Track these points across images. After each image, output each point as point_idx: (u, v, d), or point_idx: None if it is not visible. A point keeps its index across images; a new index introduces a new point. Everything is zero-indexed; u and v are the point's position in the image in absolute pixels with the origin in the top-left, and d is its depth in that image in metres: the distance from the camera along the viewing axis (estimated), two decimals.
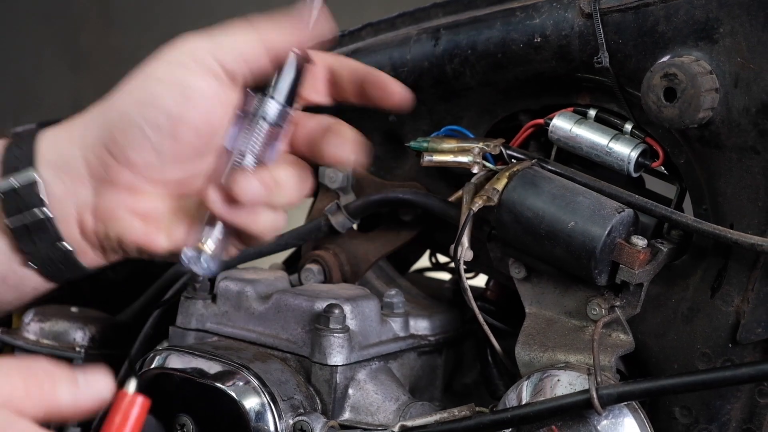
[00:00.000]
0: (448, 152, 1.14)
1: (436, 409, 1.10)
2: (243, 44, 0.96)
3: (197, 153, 0.95)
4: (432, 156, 1.14)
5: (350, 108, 1.22)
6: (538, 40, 1.07)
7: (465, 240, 1.08)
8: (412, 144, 1.16)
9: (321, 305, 1.10)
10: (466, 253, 1.09)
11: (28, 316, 1.29)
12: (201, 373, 1.07)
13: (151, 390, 1.08)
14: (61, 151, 0.95)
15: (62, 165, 0.95)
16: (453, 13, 1.18)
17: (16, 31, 4.01)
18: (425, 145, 1.15)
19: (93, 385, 0.85)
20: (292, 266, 1.31)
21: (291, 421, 1.06)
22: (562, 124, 1.09)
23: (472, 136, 1.15)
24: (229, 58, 0.95)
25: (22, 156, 0.94)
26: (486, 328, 1.10)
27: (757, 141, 0.98)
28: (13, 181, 0.93)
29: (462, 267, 1.08)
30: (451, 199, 1.14)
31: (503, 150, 1.11)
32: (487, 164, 1.11)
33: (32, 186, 0.93)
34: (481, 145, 1.11)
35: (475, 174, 1.11)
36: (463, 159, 1.12)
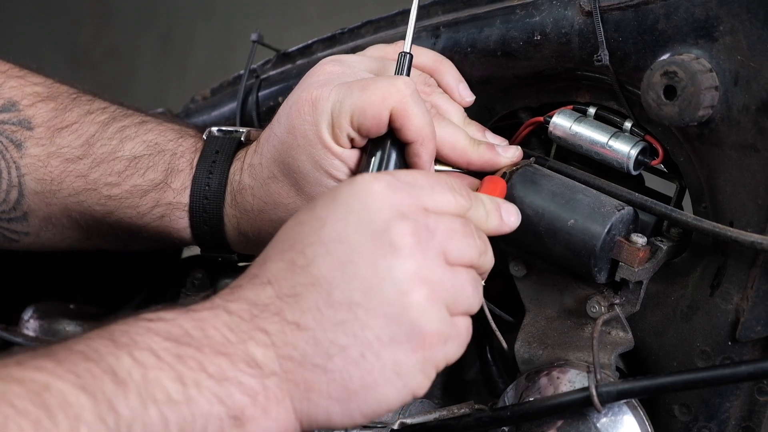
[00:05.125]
0: None
1: (435, 407, 1.10)
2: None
3: None
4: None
5: None
6: (538, 37, 1.07)
7: None
8: None
9: None
10: None
11: (27, 313, 1.29)
12: None
13: None
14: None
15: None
16: (453, 10, 1.18)
17: (14, 28, 4.01)
18: None
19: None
20: None
21: None
22: (561, 121, 1.09)
23: None
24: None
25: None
26: (492, 323, 1.09)
27: (757, 139, 0.98)
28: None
29: None
30: None
31: None
32: None
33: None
34: None
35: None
36: None
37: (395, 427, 1.05)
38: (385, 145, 1.00)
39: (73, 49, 3.96)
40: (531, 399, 1.05)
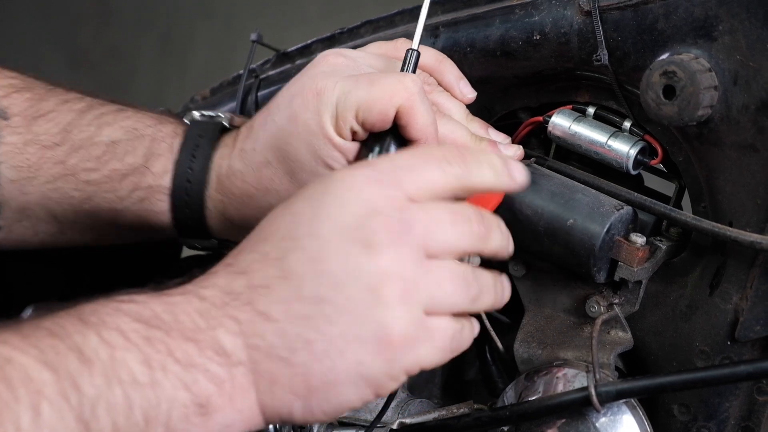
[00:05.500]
0: None
1: (434, 407, 1.10)
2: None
3: None
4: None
5: None
6: (537, 37, 1.07)
7: None
8: None
9: None
10: (473, 259, 1.09)
11: (27, 313, 1.29)
12: None
13: None
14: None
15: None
16: (452, 10, 1.18)
17: (14, 28, 4.01)
18: None
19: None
20: None
21: None
22: (561, 121, 1.09)
23: None
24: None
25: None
26: (489, 326, 1.09)
27: (756, 139, 0.98)
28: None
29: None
30: None
31: None
32: None
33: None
34: None
35: None
36: None
37: (394, 427, 1.05)
38: (386, 141, 1.00)
39: (73, 49, 3.96)
40: (530, 399, 1.05)
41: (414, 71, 1.01)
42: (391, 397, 1.04)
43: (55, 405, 0.73)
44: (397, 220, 0.82)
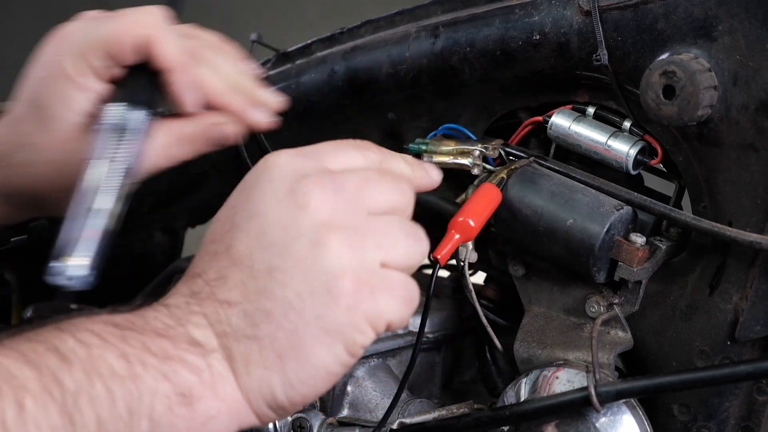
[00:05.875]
0: (447, 154, 1.14)
1: (434, 407, 1.10)
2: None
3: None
4: (431, 158, 1.14)
5: (349, 106, 1.22)
6: (537, 37, 1.07)
7: (469, 242, 1.08)
8: (411, 146, 1.16)
9: None
10: (470, 254, 1.09)
11: (27, 313, 1.29)
12: None
13: None
14: None
15: None
16: (452, 10, 1.18)
17: (14, 28, 4.00)
18: (424, 147, 1.15)
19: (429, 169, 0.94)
20: None
21: (289, 418, 1.06)
22: (560, 121, 1.09)
23: (470, 135, 1.15)
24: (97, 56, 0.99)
25: None
26: (488, 326, 1.10)
27: (756, 138, 0.98)
28: None
29: (467, 270, 1.08)
30: (458, 200, 1.14)
31: (501, 150, 1.12)
32: (488, 166, 1.12)
33: None
34: (480, 147, 1.11)
35: (476, 176, 1.11)
36: (463, 161, 1.12)
37: (394, 426, 1.05)
38: (138, 75, 0.99)
39: None
40: (530, 399, 1.05)
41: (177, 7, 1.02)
42: (396, 398, 1.04)
43: (38, 399, 0.73)
44: (329, 180, 0.84)
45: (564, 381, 1.04)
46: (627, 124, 1.08)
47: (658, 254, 1.05)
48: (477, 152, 1.11)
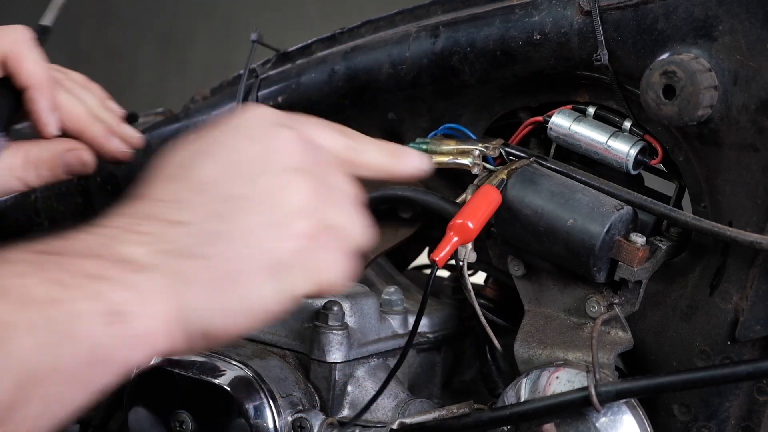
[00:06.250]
0: (448, 154, 1.14)
1: (434, 407, 1.10)
2: None
3: None
4: (431, 158, 1.14)
5: (349, 106, 1.22)
6: (537, 37, 1.07)
7: (468, 243, 1.08)
8: (411, 145, 1.16)
9: (320, 302, 1.10)
10: (469, 254, 1.09)
11: None
12: (200, 369, 1.07)
13: (149, 387, 1.09)
14: None
15: None
16: (452, 10, 1.18)
17: None
18: (424, 147, 1.15)
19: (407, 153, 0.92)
20: None
21: (290, 418, 1.06)
22: (561, 121, 1.09)
23: (471, 134, 1.15)
24: None
25: None
26: (487, 326, 1.09)
27: (756, 138, 0.98)
28: None
29: (466, 270, 1.08)
30: (458, 200, 1.14)
31: (502, 150, 1.12)
32: (488, 165, 1.12)
33: None
34: (480, 147, 1.11)
35: (476, 176, 1.11)
36: (464, 161, 1.12)
37: (394, 426, 1.05)
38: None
39: (73, 49, 3.96)
40: (530, 399, 1.05)
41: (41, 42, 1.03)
42: (381, 389, 1.03)
43: None
44: (304, 136, 0.85)
45: (564, 381, 1.04)
46: (627, 124, 1.08)
47: (659, 254, 1.05)
48: (477, 152, 1.11)
